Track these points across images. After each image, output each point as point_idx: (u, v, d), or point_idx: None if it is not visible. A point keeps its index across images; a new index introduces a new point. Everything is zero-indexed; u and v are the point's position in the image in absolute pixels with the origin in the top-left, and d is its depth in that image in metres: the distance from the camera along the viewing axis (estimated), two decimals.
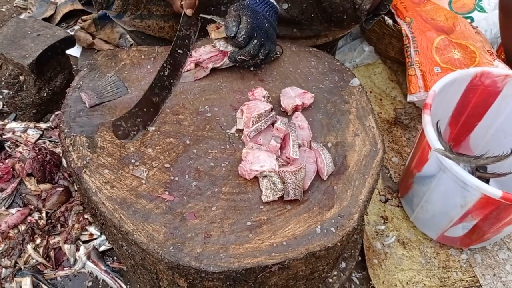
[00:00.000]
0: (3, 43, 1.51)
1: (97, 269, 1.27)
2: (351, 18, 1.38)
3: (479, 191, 1.17)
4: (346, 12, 1.36)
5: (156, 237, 0.88)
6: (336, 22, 1.43)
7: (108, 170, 0.98)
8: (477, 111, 1.53)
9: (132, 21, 1.45)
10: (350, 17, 1.38)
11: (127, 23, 1.46)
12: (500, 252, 1.47)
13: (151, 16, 1.43)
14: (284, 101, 1.15)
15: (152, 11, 1.42)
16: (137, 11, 1.41)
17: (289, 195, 0.94)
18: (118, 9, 1.40)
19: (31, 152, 1.38)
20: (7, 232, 1.26)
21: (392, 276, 1.38)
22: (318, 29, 1.46)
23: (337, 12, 1.38)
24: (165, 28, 1.46)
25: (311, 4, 1.38)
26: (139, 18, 1.43)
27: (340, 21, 1.41)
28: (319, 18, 1.42)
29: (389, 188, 1.61)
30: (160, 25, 1.44)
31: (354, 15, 1.35)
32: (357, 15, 1.34)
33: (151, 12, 1.42)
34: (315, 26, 1.45)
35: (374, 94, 1.95)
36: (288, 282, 0.97)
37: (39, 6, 2.17)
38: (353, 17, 1.37)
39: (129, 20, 1.44)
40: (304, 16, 1.41)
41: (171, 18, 1.44)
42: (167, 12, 1.41)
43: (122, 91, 1.14)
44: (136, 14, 1.42)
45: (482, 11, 2.01)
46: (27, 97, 1.57)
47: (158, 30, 1.46)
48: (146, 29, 1.46)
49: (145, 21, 1.45)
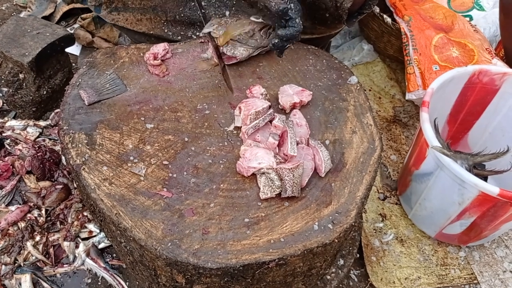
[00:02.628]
0: (2, 41, 1.51)
1: (97, 266, 1.27)
2: (333, 17, 1.37)
3: (476, 188, 1.17)
4: (328, 10, 1.35)
5: (154, 233, 0.89)
6: (319, 20, 1.43)
7: (106, 167, 0.98)
8: (475, 109, 1.53)
9: (110, 15, 1.44)
10: (333, 15, 1.37)
11: (106, 17, 1.45)
12: (498, 250, 1.48)
13: (127, 9, 1.42)
14: (282, 99, 1.15)
15: (127, 4, 1.41)
16: (111, 3, 1.41)
17: (287, 192, 0.95)
18: (92, 3, 1.40)
19: (30, 149, 1.39)
20: (7, 229, 1.27)
21: (390, 274, 1.38)
22: (304, 25, 1.47)
23: (319, 10, 1.37)
24: (143, 20, 1.44)
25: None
26: (115, 11, 1.43)
27: (323, 19, 1.41)
28: (304, 15, 1.42)
29: (387, 186, 1.62)
30: (137, 17, 1.43)
31: (336, 14, 1.35)
32: (338, 14, 1.34)
33: (126, 5, 1.42)
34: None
35: (373, 92, 1.95)
36: (286, 279, 0.97)
37: (39, 4, 2.17)
38: (335, 16, 1.36)
39: (106, 14, 1.44)
40: None
41: (147, 10, 1.43)
42: (143, 5, 1.40)
43: (121, 89, 1.15)
44: (111, 7, 1.41)
45: (481, 9, 2.01)
46: (26, 95, 1.57)
47: (136, 23, 1.45)
48: (125, 23, 1.45)
49: (122, 13, 1.44)
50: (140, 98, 1.14)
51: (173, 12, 1.41)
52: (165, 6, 1.41)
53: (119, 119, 1.08)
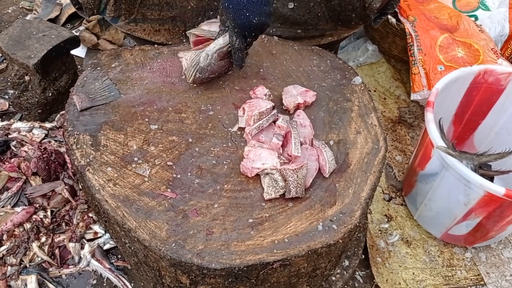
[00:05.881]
0: (8, 44, 1.52)
1: (102, 267, 1.28)
2: (359, 17, 1.38)
3: (482, 188, 1.17)
4: (355, 10, 1.36)
5: (158, 234, 0.89)
6: (343, 21, 1.43)
7: (111, 168, 0.98)
8: (480, 109, 1.53)
9: (128, 25, 1.44)
10: (359, 15, 1.37)
11: (122, 27, 1.45)
12: (505, 251, 1.46)
13: (145, 20, 1.42)
14: (286, 99, 1.15)
15: (146, 15, 1.41)
16: (131, 15, 1.40)
17: (291, 192, 0.95)
18: (111, 14, 1.40)
19: (36, 151, 1.39)
20: (13, 231, 1.28)
21: (395, 275, 1.37)
22: (324, 28, 1.46)
23: (346, 11, 1.37)
24: (161, 31, 1.45)
25: (319, 3, 1.38)
26: (134, 22, 1.42)
27: (348, 20, 1.41)
28: (326, 17, 1.42)
29: (393, 186, 1.61)
30: (155, 28, 1.43)
31: (363, 14, 1.35)
32: (366, 14, 1.33)
33: (145, 16, 1.41)
34: (321, 25, 1.45)
35: (378, 93, 1.95)
36: (290, 279, 0.97)
37: (45, 7, 2.19)
38: (362, 16, 1.36)
39: (124, 25, 1.44)
40: (310, 15, 1.40)
41: (166, 21, 1.43)
42: (162, 16, 1.40)
43: (114, 96, 1.14)
44: (130, 18, 1.41)
45: (486, 9, 2.00)
46: (32, 97, 1.58)
47: (153, 33, 1.45)
48: (142, 33, 1.45)
49: (140, 24, 1.44)
50: (145, 99, 1.14)
51: (192, 22, 1.41)
52: (184, 16, 1.40)
53: (123, 120, 1.09)
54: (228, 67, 1.19)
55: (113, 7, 1.38)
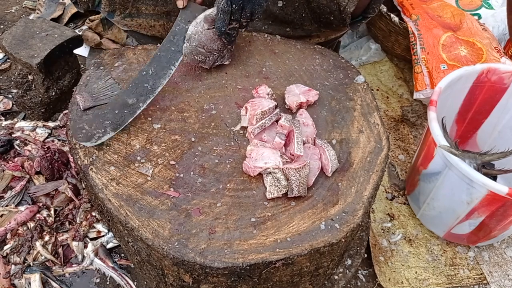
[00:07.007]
0: (12, 43, 1.52)
1: (105, 266, 1.28)
2: (338, 20, 1.38)
3: (485, 187, 1.16)
4: (333, 13, 1.36)
5: (161, 233, 0.89)
6: (325, 24, 1.43)
7: (114, 167, 0.99)
8: (484, 108, 1.52)
9: (123, 20, 1.44)
10: (337, 19, 1.37)
11: (119, 22, 1.45)
12: (508, 250, 1.46)
13: (140, 15, 1.42)
14: (288, 99, 1.15)
15: (141, 10, 1.41)
16: (125, 10, 1.41)
17: (293, 191, 0.95)
18: (106, 9, 1.40)
19: (39, 150, 1.40)
20: (16, 229, 1.28)
21: (398, 274, 1.37)
22: (309, 29, 1.46)
23: (324, 14, 1.38)
24: (156, 26, 1.45)
25: (302, 4, 1.38)
26: (129, 17, 1.43)
27: (328, 22, 1.41)
28: (309, 18, 1.42)
29: (395, 185, 1.61)
30: (150, 23, 1.43)
31: (340, 17, 1.35)
32: (342, 17, 1.34)
33: (140, 11, 1.42)
34: (306, 26, 1.46)
35: (380, 92, 1.95)
36: (292, 278, 0.97)
37: (48, 6, 2.19)
38: (340, 19, 1.37)
39: (120, 20, 1.44)
40: (296, 15, 1.41)
41: (161, 16, 1.43)
42: (157, 11, 1.40)
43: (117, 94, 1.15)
44: (125, 13, 1.41)
45: (490, 7, 1.99)
46: (35, 97, 1.59)
47: (149, 28, 1.45)
48: (138, 28, 1.46)
49: (136, 19, 1.44)
50: None
51: None
52: (179, 12, 1.41)
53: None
54: (219, 48, 1.17)
55: (107, 1, 1.38)
